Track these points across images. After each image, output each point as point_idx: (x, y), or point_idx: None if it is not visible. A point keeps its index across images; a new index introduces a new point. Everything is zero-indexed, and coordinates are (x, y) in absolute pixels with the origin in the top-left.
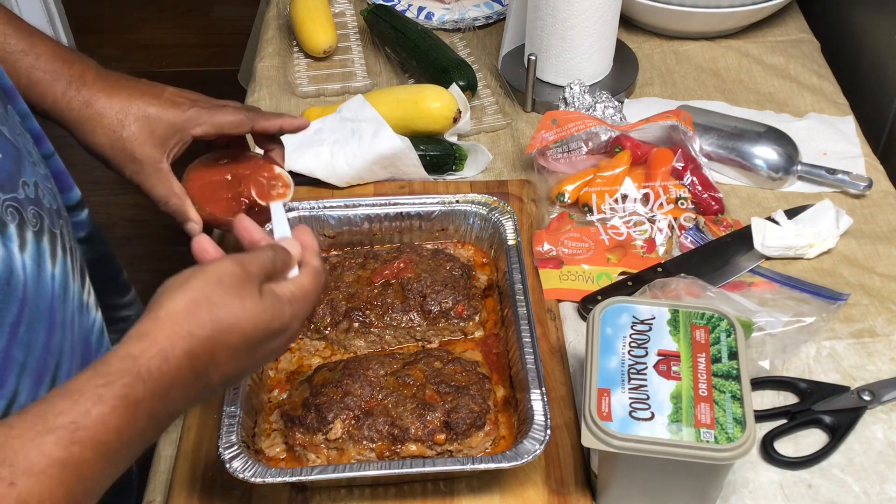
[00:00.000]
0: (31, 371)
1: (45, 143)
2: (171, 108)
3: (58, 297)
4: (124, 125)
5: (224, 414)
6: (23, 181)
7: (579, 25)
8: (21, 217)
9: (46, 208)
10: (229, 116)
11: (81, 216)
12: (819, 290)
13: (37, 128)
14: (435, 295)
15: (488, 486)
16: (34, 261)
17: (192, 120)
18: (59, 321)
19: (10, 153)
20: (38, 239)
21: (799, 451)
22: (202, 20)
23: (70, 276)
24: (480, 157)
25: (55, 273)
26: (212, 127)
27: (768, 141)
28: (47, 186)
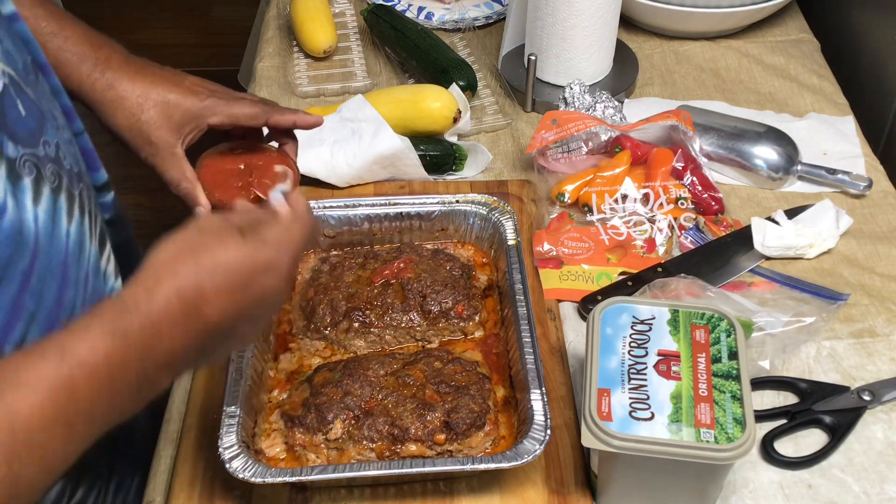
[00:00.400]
0: (40, 322)
1: (75, 121)
2: (189, 97)
3: (72, 254)
4: (143, 109)
5: (224, 414)
6: (44, 140)
7: (579, 25)
8: (39, 172)
9: (66, 169)
10: (245, 108)
11: (107, 198)
12: (819, 290)
13: (68, 104)
14: (435, 295)
15: (488, 486)
16: (49, 215)
17: (209, 109)
18: (72, 277)
19: (33, 112)
20: (55, 195)
21: (799, 451)
22: (202, 20)
23: (87, 237)
24: (480, 157)
25: (70, 230)
26: (227, 117)
27: (768, 141)
28: (70, 150)
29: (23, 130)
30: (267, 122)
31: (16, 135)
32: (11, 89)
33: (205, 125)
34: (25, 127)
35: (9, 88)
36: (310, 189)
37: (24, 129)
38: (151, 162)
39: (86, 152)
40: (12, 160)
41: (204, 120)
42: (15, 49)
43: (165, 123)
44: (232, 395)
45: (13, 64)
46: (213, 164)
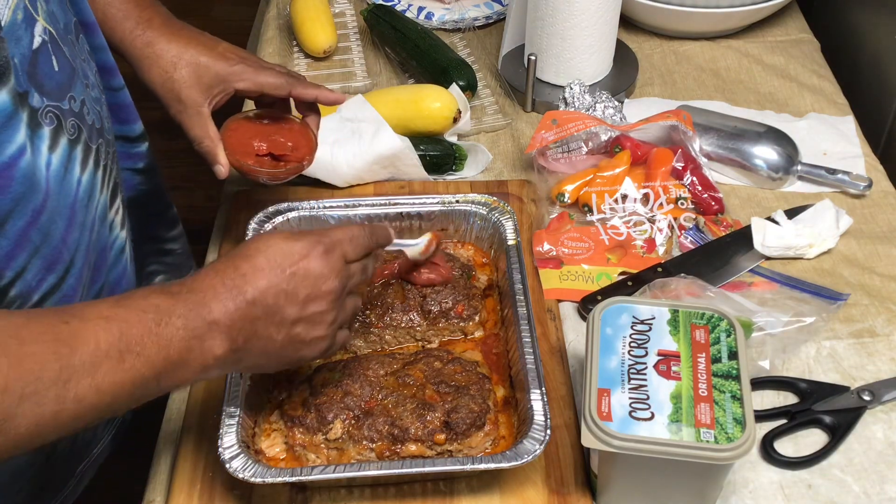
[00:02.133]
0: (43, 255)
1: (116, 77)
2: (220, 61)
3: (81, 200)
4: (176, 67)
5: (224, 414)
6: (70, 95)
7: (579, 25)
8: (59, 123)
9: (88, 124)
10: (271, 78)
11: (141, 148)
12: (819, 290)
13: (110, 61)
14: (435, 295)
15: (488, 486)
16: (62, 163)
17: (237, 74)
18: (78, 221)
19: (65, 68)
20: (72, 146)
21: (799, 451)
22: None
23: (97, 187)
24: (480, 157)
25: (82, 179)
26: (253, 84)
27: (768, 141)
28: (95, 108)
29: (52, 84)
30: (290, 94)
31: (44, 87)
32: (49, 45)
33: (232, 89)
34: (55, 81)
35: (47, 45)
36: (310, 189)
37: (54, 82)
38: (179, 119)
39: (123, 106)
40: (36, 110)
41: (231, 84)
42: (60, 9)
43: (195, 83)
44: (232, 395)
45: (55, 23)
46: (237, 127)
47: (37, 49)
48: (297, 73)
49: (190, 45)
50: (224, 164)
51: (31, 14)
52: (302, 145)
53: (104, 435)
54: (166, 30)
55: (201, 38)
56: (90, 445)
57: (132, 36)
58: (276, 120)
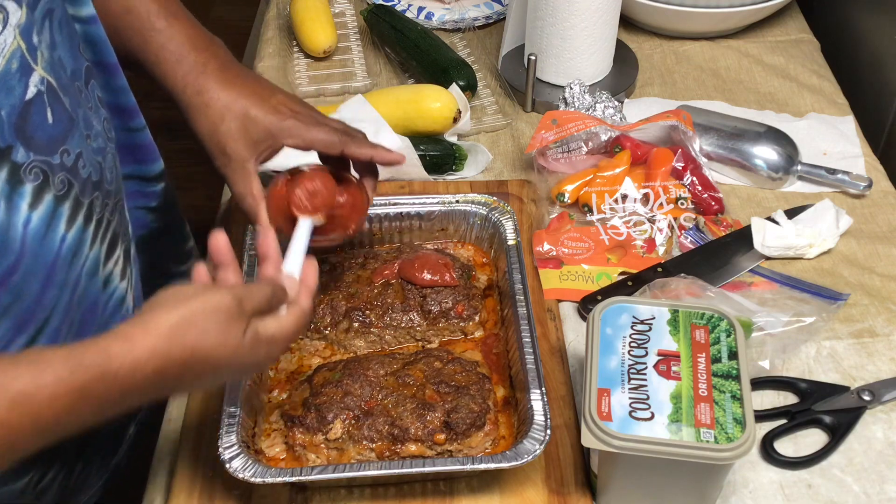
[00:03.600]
0: (13, 315)
1: (136, 118)
2: (270, 115)
3: (63, 258)
4: (224, 119)
5: (224, 414)
6: (63, 149)
7: (579, 25)
8: (45, 179)
9: (82, 179)
10: (322, 135)
11: (157, 187)
12: (819, 290)
13: (131, 102)
14: (435, 295)
15: (488, 486)
16: (44, 221)
17: (287, 131)
18: (58, 280)
19: (61, 120)
20: (58, 203)
21: (799, 451)
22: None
23: (86, 243)
24: (480, 157)
25: (67, 236)
26: (303, 142)
27: (768, 141)
28: (94, 160)
29: (42, 137)
30: (343, 153)
31: (32, 141)
32: (46, 96)
33: (280, 145)
34: (47, 134)
35: (42, 95)
36: None
37: (45, 136)
38: (222, 172)
39: (141, 147)
40: (18, 165)
41: (280, 140)
42: (69, 55)
43: (242, 137)
44: (232, 395)
45: (58, 71)
46: (284, 185)
47: (30, 100)
48: (355, 129)
49: (242, 95)
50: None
51: (28, 63)
52: (350, 212)
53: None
54: (220, 76)
55: (256, 87)
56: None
57: (184, 82)
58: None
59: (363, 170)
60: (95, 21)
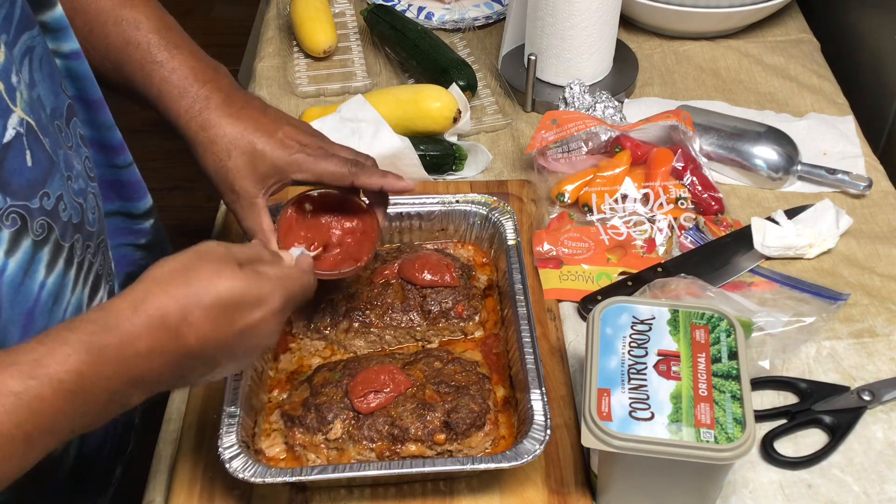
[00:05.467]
0: None
1: (122, 154)
2: (278, 149)
3: (43, 304)
4: (231, 155)
5: (224, 414)
6: (43, 192)
7: (579, 25)
8: (23, 224)
9: (63, 221)
10: (332, 167)
11: (144, 224)
12: (819, 290)
13: (117, 139)
14: (435, 295)
15: (488, 486)
16: (21, 267)
17: (295, 165)
18: (38, 326)
19: (41, 163)
20: (37, 248)
21: (799, 451)
22: (202, 20)
23: (68, 287)
24: (480, 157)
25: (46, 282)
26: (312, 175)
27: (768, 141)
28: (75, 202)
29: (20, 181)
30: (354, 184)
31: (9, 186)
32: (25, 139)
33: (289, 179)
34: (25, 178)
35: (21, 138)
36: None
37: (24, 180)
38: (232, 208)
39: (128, 184)
40: None
41: (288, 175)
42: (50, 93)
43: (250, 173)
44: (232, 395)
45: (38, 112)
46: (293, 215)
47: (7, 143)
48: (364, 157)
49: (248, 130)
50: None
51: (6, 105)
52: (362, 241)
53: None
54: (224, 111)
55: (262, 119)
56: None
57: (188, 116)
58: (339, 207)
59: (373, 196)
60: (79, 56)
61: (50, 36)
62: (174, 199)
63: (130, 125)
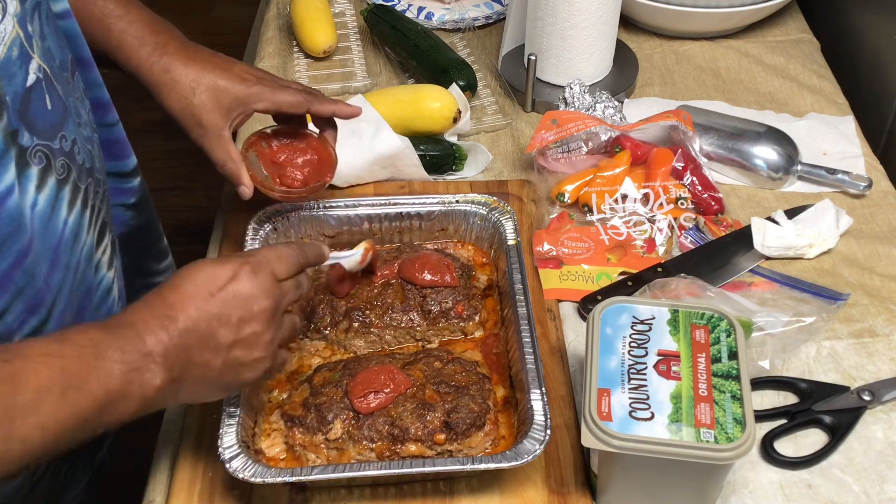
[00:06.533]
0: (26, 297)
1: (110, 113)
2: (238, 83)
3: (66, 240)
4: (195, 93)
5: (224, 414)
6: (62, 135)
7: (579, 25)
8: (48, 163)
9: (78, 164)
10: (289, 97)
11: (133, 183)
12: (819, 290)
13: (105, 97)
14: (435, 295)
15: (488, 486)
16: (49, 203)
17: (255, 96)
18: (62, 262)
19: (58, 107)
20: (60, 186)
21: (799, 451)
22: (202, 20)
23: (84, 228)
24: (480, 157)
25: (69, 220)
26: (272, 104)
27: (768, 141)
28: (86, 147)
29: (43, 123)
30: (309, 110)
31: (34, 126)
32: (44, 84)
33: (251, 110)
34: (47, 120)
35: (41, 83)
36: None
37: (46, 121)
38: (200, 143)
39: (116, 142)
40: (25, 149)
41: (250, 106)
42: (57, 46)
43: (215, 107)
44: (232, 396)
45: (51, 61)
46: (256, 147)
47: (30, 87)
48: (313, 89)
49: (207, 68)
50: (248, 185)
51: (27, 51)
52: (323, 162)
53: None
54: (182, 54)
55: (217, 60)
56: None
57: (149, 62)
58: (295, 136)
59: (323, 124)
60: (70, 16)
61: None
62: (174, 199)
63: (130, 125)
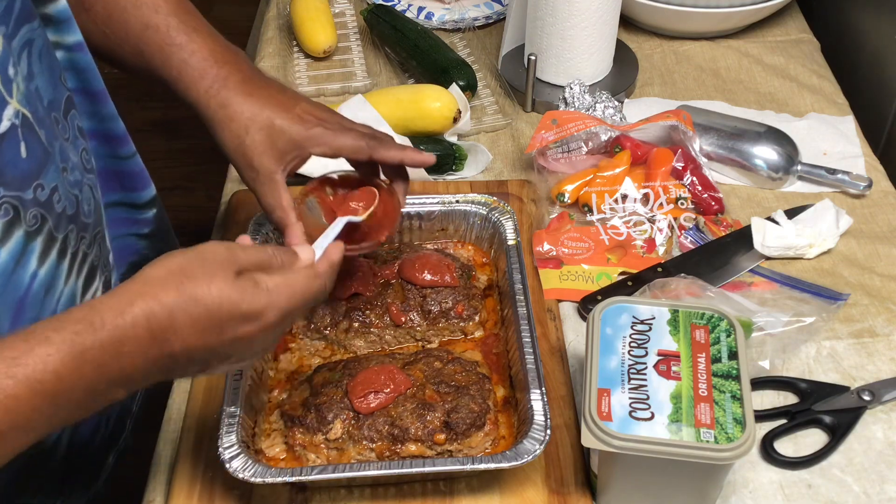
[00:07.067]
0: None
1: (125, 145)
2: (296, 124)
3: (35, 294)
4: (249, 132)
5: (224, 414)
6: (37, 184)
7: (579, 25)
8: (16, 215)
9: (56, 213)
10: (349, 141)
11: (148, 214)
12: (819, 290)
13: (120, 129)
14: (435, 295)
15: (488, 486)
16: (13, 257)
17: (313, 139)
18: (29, 316)
19: (35, 154)
20: (30, 239)
21: (799, 451)
22: None
23: (62, 278)
24: (480, 157)
25: (39, 273)
26: (330, 149)
27: (768, 141)
28: (71, 193)
29: (15, 172)
30: (372, 158)
31: (3, 177)
32: (20, 130)
33: (307, 154)
34: (20, 169)
35: (16, 129)
36: None
37: (18, 171)
38: (251, 185)
39: (131, 174)
40: None
41: (307, 150)
42: (49, 84)
43: (268, 149)
44: (232, 395)
45: (35, 104)
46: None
47: (2, 134)
48: (382, 133)
49: (266, 106)
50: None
51: (2, 97)
52: (382, 218)
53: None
54: (242, 89)
55: (279, 97)
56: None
57: (206, 97)
58: (362, 184)
59: (393, 174)
60: (82, 48)
61: (53, 28)
62: (174, 199)
63: (131, 125)
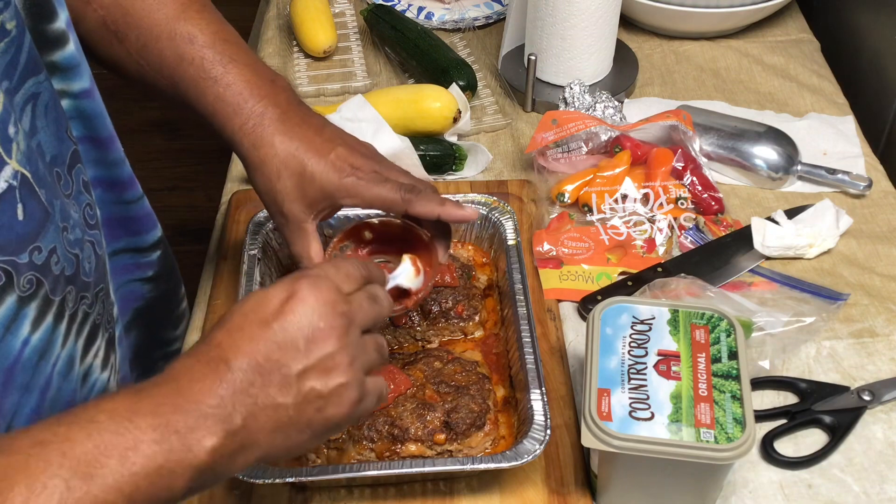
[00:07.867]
0: None
1: (131, 189)
2: (329, 172)
3: (26, 361)
4: (280, 177)
5: None
6: (34, 246)
7: (579, 25)
8: (8, 280)
9: (54, 275)
10: (384, 194)
11: (152, 257)
12: (819, 290)
13: (126, 174)
14: (435, 295)
15: (488, 486)
16: (2, 324)
17: (344, 190)
18: (18, 384)
19: (34, 216)
20: (22, 305)
21: (799, 451)
22: None
23: (57, 343)
24: (480, 157)
25: (31, 339)
26: (363, 202)
27: (768, 141)
28: (70, 253)
29: (10, 236)
30: (407, 212)
31: None
32: (18, 191)
33: (339, 205)
34: (15, 233)
35: (14, 191)
36: None
37: (13, 234)
38: (281, 231)
39: (136, 219)
40: None
41: (338, 200)
42: (54, 139)
43: (299, 197)
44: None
45: (36, 162)
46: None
47: None
48: (422, 182)
49: (300, 149)
50: None
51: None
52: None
53: None
54: (277, 127)
55: (316, 139)
56: None
57: (240, 134)
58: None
59: (434, 227)
60: (89, 94)
61: (59, 76)
62: (174, 199)
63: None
